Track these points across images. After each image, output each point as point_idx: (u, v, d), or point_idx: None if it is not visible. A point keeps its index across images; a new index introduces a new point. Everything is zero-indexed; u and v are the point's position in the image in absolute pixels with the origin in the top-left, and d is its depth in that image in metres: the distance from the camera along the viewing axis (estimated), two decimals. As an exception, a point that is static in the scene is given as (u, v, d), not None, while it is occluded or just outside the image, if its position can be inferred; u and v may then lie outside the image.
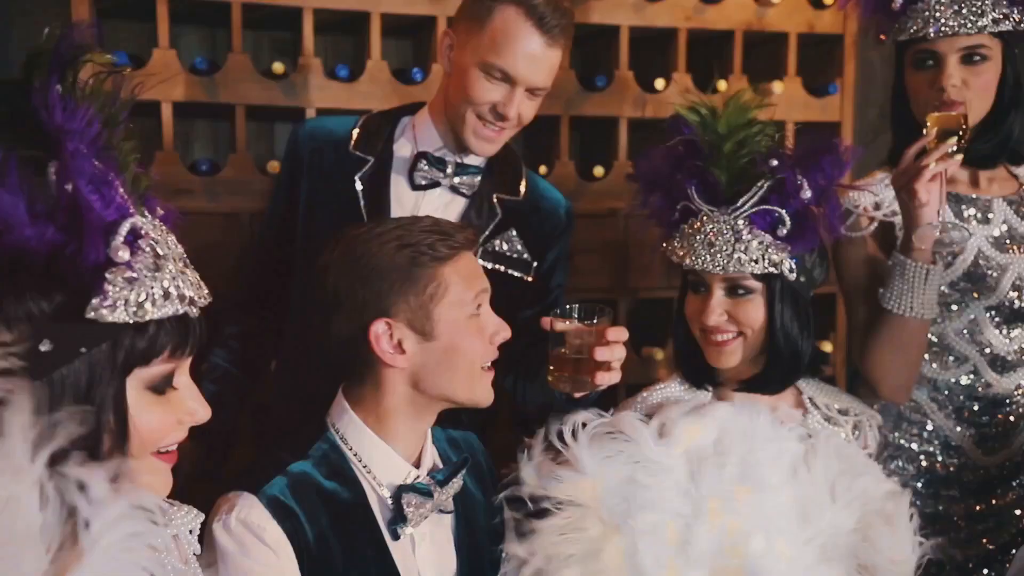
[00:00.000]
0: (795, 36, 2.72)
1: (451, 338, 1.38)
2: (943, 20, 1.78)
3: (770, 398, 1.67)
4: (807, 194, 1.56)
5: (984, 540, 1.92)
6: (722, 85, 2.62)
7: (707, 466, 1.48)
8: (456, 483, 1.43)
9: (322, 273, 1.39)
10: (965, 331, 1.91)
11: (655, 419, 1.55)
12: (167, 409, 1.05)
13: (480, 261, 1.82)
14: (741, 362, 1.65)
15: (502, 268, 1.87)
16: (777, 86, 2.69)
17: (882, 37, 1.93)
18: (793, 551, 1.46)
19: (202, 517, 1.23)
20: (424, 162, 1.83)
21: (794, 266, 1.59)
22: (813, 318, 1.67)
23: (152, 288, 0.97)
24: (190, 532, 1.20)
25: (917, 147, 1.69)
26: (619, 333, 1.53)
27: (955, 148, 1.69)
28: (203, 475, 1.80)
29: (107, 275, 0.94)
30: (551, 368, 1.56)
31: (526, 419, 1.86)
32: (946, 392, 1.93)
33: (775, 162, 1.58)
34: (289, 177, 1.91)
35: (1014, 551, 1.87)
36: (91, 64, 1.00)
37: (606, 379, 1.52)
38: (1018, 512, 1.91)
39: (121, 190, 0.97)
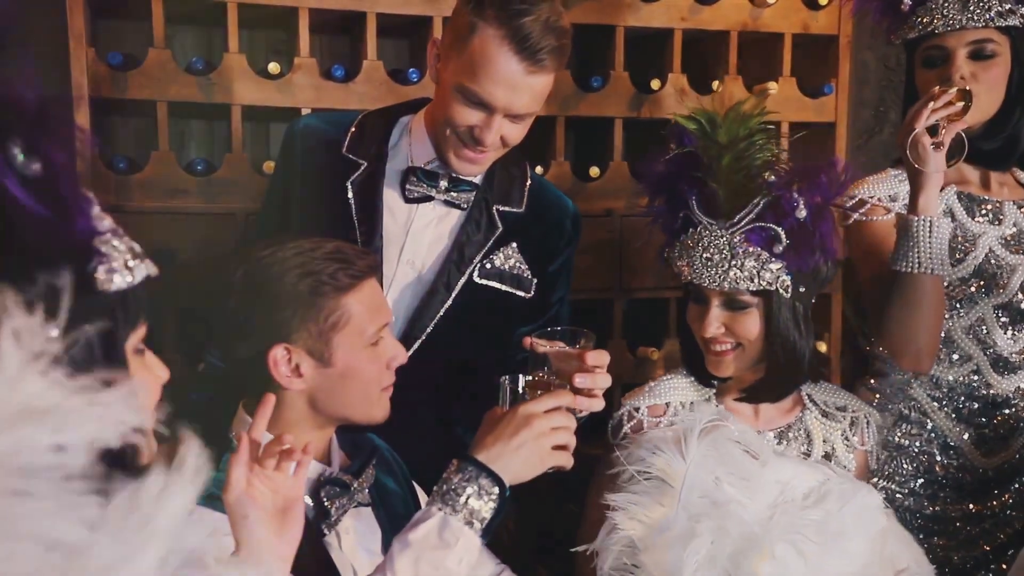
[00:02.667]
0: (790, 37, 2.72)
1: (347, 365, 1.41)
2: (950, 15, 1.83)
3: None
4: (802, 212, 1.55)
5: (980, 542, 1.93)
6: (717, 86, 2.63)
7: (793, 504, 1.50)
8: (370, 473, 1.46)
9: (224, 294, 1.41)
10: (971, 329, 1.93)
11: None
12: (149, 373, 1.02)
13: (478, 279, 1.79)
14: (739, 371, 1.67)
15: (501, 287, 1.81)
16: (772, 87, 2.70)
17: (892, 38, 1.96)
18: None
19: None
20: (414, 177, 1.77)
21: (789, 283, 1.59)
22: (811, 320, 1.67)
23: (125, 250, 0.94)
24: None
25: (921, 103, 1.73)
26: (599, 357, 1.46)
27: (958, 96, 1.71)
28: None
29: (95, 243, 0.90)
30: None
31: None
32: (946, 390, 1.95)
33: (772, 178, 1.57)
34: (283, 176, 1.88)
35: (1010, 552, 1.88)
36: None
37: (585, 405, 1.45)
38: (1013, 514, 1.92)
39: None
